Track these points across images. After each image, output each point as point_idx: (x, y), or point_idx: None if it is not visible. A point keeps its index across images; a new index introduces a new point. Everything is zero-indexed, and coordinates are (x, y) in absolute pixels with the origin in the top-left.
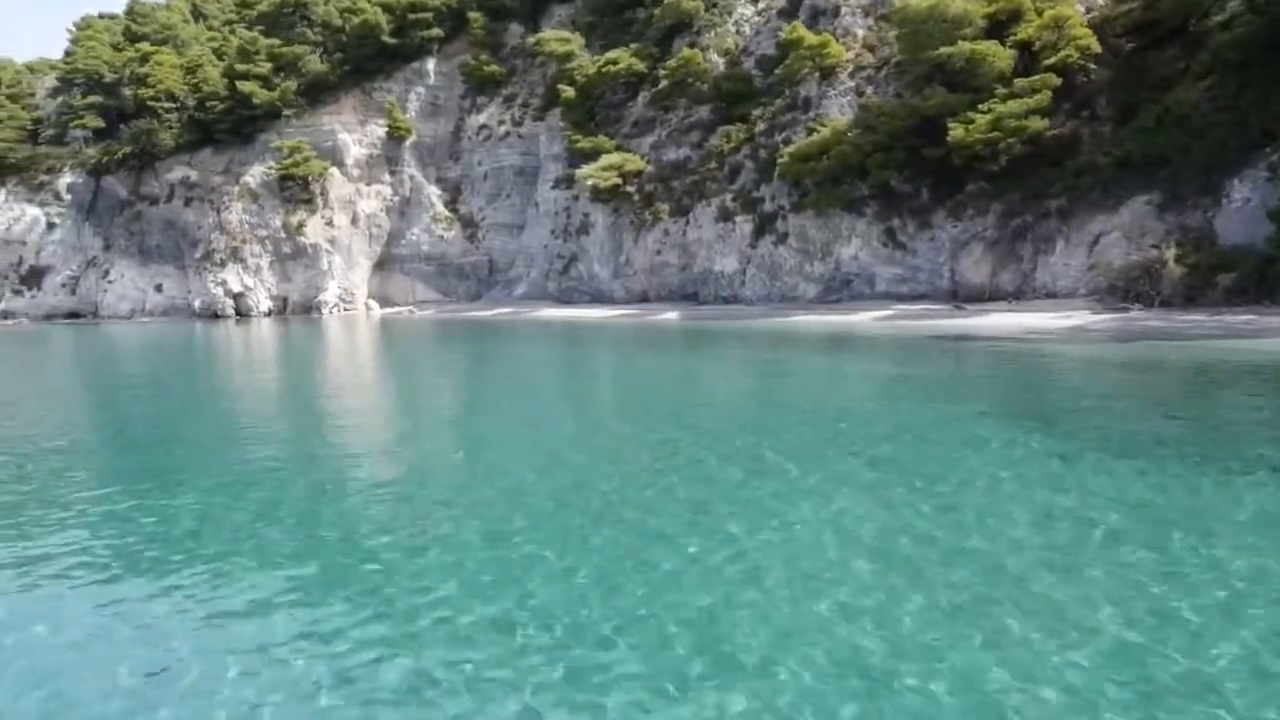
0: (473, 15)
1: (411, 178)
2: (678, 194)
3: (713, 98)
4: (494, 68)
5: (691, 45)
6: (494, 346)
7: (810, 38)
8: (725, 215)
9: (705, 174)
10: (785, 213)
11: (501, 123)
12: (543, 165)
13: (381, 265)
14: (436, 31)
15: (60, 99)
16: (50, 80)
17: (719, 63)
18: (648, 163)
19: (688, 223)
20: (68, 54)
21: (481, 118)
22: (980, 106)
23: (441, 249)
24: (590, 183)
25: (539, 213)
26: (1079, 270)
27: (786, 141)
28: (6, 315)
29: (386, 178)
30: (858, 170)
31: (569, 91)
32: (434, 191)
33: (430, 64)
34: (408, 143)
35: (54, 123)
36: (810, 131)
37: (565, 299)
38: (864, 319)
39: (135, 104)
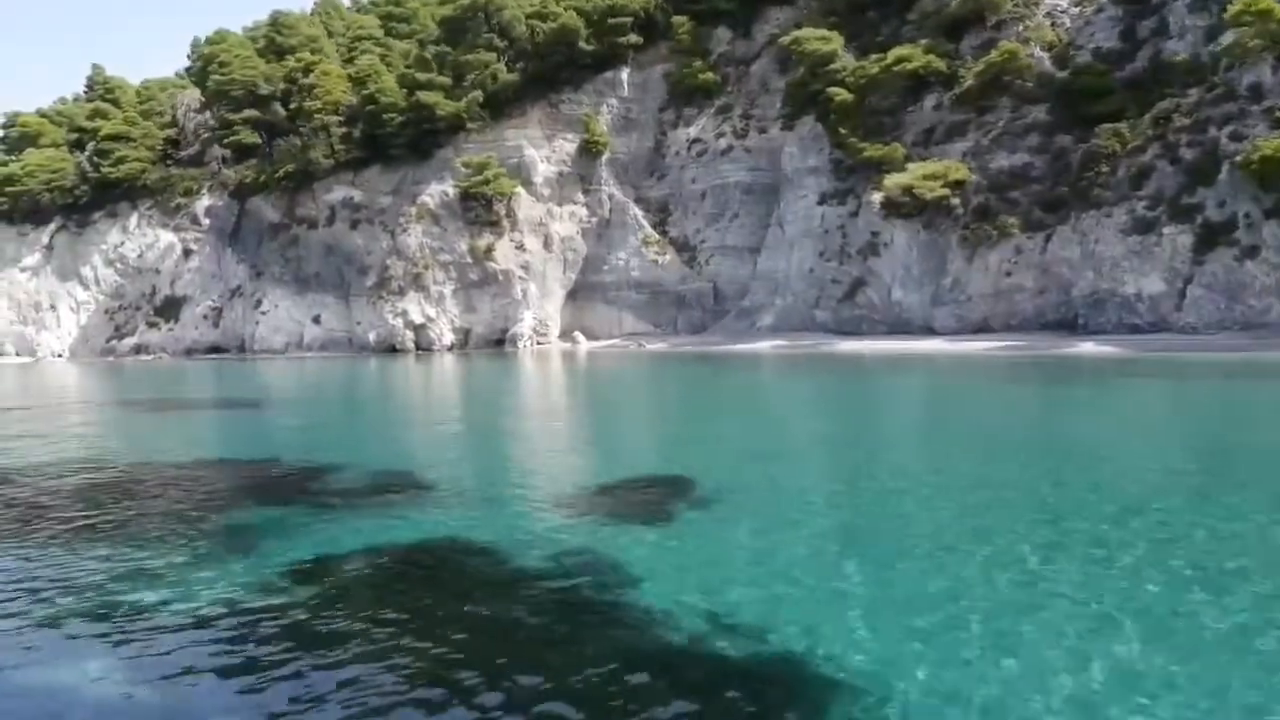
0: (677, 20)
1: (611, 197)
2: (1024, 205)
3: (1044, 96)
4: (708, 75)
5: (989, 42)
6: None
7: None
8: (1142, 226)
9: (1091, 179)
10: (1251, 221)
11: (720, 135)
12: (792, 180)
13: (575, 294)
14: (634, 38)
15: (201, 116)
16: (186, 97)
17: (1043, 57)
18: (970, 171)
19: (1047, 239)
20: (222, 67)
21: (691, 131)
22: None
23: (654, 275)
24: (909, 193)
25: (786, 233)
26: None
27: (1234, 137)
28: (140, 350)
29: (580, 197)
30: None
31: (843, 94)
32: (638, 212)
33: (624, 74)
34: (603, 159)
35: (195, 141)
36: (1278, 124)
37: (848, 329)
38: None
39: (289, 119)
